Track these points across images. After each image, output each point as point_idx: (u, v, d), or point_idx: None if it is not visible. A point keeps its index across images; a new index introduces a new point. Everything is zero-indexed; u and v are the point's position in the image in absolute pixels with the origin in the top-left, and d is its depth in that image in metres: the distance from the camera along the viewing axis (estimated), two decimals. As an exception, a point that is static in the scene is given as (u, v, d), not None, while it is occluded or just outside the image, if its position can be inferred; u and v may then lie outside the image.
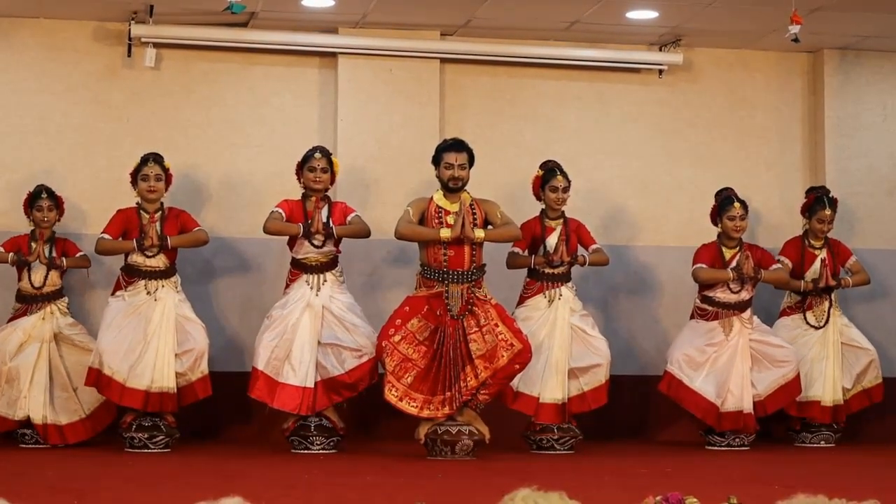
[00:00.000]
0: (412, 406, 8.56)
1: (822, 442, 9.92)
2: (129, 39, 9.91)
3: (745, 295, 9.60)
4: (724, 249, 9.64)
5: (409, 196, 9.37)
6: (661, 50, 10.64)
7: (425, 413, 8.57)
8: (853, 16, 9.91)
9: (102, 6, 9.74)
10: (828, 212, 9.93)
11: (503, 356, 8.56)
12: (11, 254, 9.17)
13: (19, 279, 9.25)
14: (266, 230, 9.09)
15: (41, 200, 9.22)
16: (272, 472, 7.71)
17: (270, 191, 9.88)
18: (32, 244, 9.23)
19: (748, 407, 9.52)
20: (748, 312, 9.64)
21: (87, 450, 9.00)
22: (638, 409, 10.47)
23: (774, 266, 9.71)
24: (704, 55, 10.78)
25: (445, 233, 8.55)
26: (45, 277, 9.19)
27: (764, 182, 10.66)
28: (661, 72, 10.69)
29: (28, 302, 9.22)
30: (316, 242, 9.03)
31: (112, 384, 8.90)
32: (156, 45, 9.95)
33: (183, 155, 9.82)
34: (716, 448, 9.59)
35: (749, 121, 10.82)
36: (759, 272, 9.55)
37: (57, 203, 9.30)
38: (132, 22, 9.83)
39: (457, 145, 8.73)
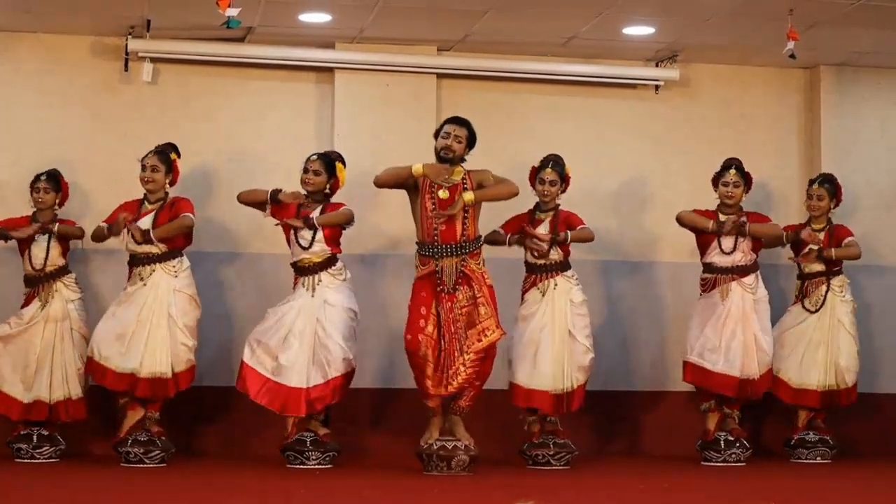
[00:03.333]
0: (440, 388, 8.57)
1: (819, 458, 9.91)
2: (126, 54, 9.92)
3: (739, 257, 9.62)
4: (721, 216, 9.68)
5: (405, 209, 9.36)
6: (657, 65, 10.65)
7: (439, 390, 8.57)
8: (850, 32, 9.93)
9: (100, 21, 9.75)
10: (815, 186, 9.99)
11: (483, 339, 8.57)
12: (3, 228, 9.24)
13: (23, 263, 9.27)
14: (238, 198, 9.16)
15: (38, 182, 9.29)
16: (268, 487, 7.71)
17: (267, 205, 9.89)
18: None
19: (754, 374, 9.56)
20: (751, 278, 9.64)
21: (84, 464, 9.00)
22: (634, 424, 10.47)
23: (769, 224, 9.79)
24: (701, 71, 10.79)
25: (417, 168, 8.62)
26: (46, 257, 9.21)
27: (761, 197, 10.65)
28: (657, 87, 10.70)
29: (34, 284, 9.25)
30: (303, 243, 9.02)
31: (107, 372, 8.95)
32: (153, 60, 9.97)
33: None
34: (712, 463, 9.58)
35: (746, 136, 10.82)
36: (746, 225, 9.57)
37: (57, 186, 9.32)
38: (129, 37, 9.84)
39: (458, 119, 8.82)
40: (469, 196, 8.61)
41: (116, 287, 9.37)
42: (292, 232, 9.03)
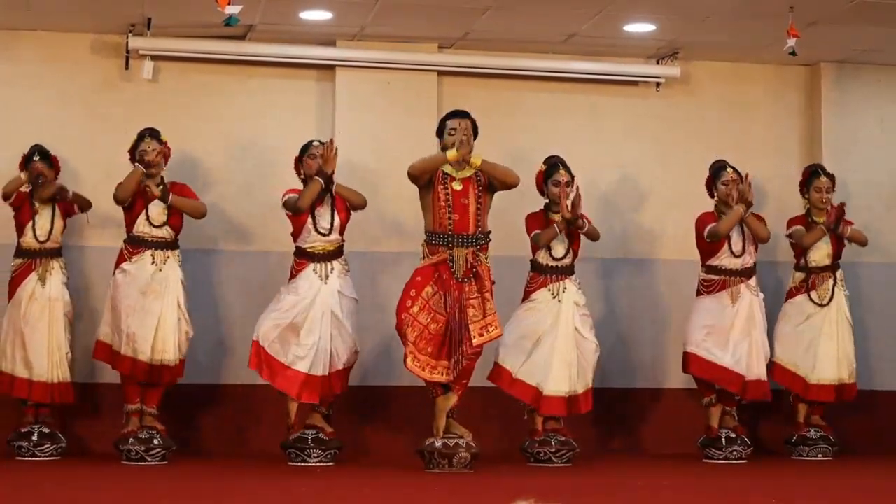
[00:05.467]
0: (436, 374, 8.54)
1: (820, 455, 9.91)
2: (127, 52, 9.93)
3: (747, 259, 9.64)
4: (723, 217, 9.67)
5: (406, 208, 9.38)
6: (658, 63, 10.65)
7: (434, 376, 8.55)
8: (850, 29, 9.93)
9: (100, 19, 9.75)
10: (824, 179, 9.98)
11: (485, 334, 8.57)
12: (23, 172, 9.19)
13: (20, 234, 9.25)
14: (300, 208, 8.93)
15: (33, 162, 9.24)
16: (269, 485, 7.70)
17: (268, 203, 9.88)
18: (34, 202, 9.26)
19: (763, 374, 9.59)
20: (754, 279, 9.68)
21: (84, 461, 9.00)
22: (636, 421, 10.47)
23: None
24: (702, 68, 10.79)
25: (452, 153, 8.58)
26: (51, 228, 9.22)
27: (761, 195, 10.64)
28: (658, 85, 10.70)
29: (31, 257, 9.23)
30: (322, 230, 9.03)
31: (140, 365, 8.98)
32: (153, 58, 9.97)
33: (179, 167, 9.81)
34: (713, 461, 9.58)
35: (746, 134, 10.82)
36: (752, 193, 9.56)
37: (51, 162, 9.32)
38: (130, 34, 9.84)
39: (460, 113, 8.80)
40: (477, 161, 8.60)
41: (107, 274, 9.35)
42: (310, 219, 9.02)
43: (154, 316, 9.01)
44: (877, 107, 10.91)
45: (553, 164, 9.40)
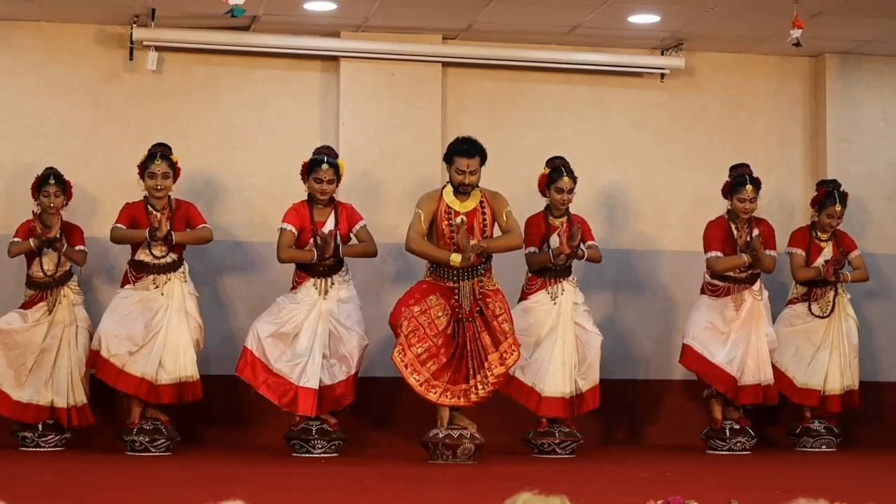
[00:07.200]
0: (414, 378, 8.53)
1: (823, 446, 9.92)
2: (131, 43, 9.92)
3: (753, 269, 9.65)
4: (733, 227, 9.62)
5: (410, 200, 9.35)
6: (662, 54, 10.64)
7: (444, 400, 8.53)
8: (854, 20, 9.92)
9: (104, 10, 9.75)
10: (838, 207, 9.91)
11: (509, 359, 8.57)
12: (33, 238, 9.11)
13: (29, 267, 9.24)
14: (280, 260, 9.05)
15: (48, 186, 9.19)
16: (273, 476, 7.71)
17: (272, 195, 9.89)
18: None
19: (766, 379, 9.56)
20: (758, 284, 9.66)
21: (88, 453, 9.00)
22: (639, 413, 10.47)
23: (771, 252, 9.64)
24: (706, 59, 10.78)
25: (455, 259, 8.50)
26: (57, 264, 9.19)
27: (764, 187, 10.61)
28: (662, 76, 10.69)
29: (41, 288, 9.21)
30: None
31: (109, 367, 8.94)
32: (157, 49, 9.96)
33: (184, 159, 9.78)
34: (717, 452, 9.59)
35: (750, 125, 10.82)
36: (759, 252, 9.47)
37: (65, 187, 9.27)
38: (134, 25, 9.84)
39: (469, 150, 8.59)
40: (477, 250, 8.48)
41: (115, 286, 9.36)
42: (312, 240, 9.01)
43: (130, 325, 8.96)
44: (880, 98, 10.90)
45: (556, 169, 9.33)
